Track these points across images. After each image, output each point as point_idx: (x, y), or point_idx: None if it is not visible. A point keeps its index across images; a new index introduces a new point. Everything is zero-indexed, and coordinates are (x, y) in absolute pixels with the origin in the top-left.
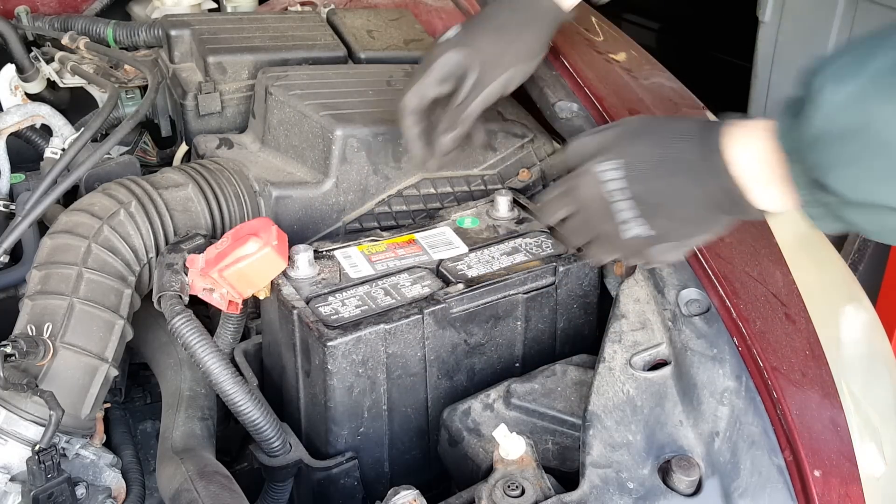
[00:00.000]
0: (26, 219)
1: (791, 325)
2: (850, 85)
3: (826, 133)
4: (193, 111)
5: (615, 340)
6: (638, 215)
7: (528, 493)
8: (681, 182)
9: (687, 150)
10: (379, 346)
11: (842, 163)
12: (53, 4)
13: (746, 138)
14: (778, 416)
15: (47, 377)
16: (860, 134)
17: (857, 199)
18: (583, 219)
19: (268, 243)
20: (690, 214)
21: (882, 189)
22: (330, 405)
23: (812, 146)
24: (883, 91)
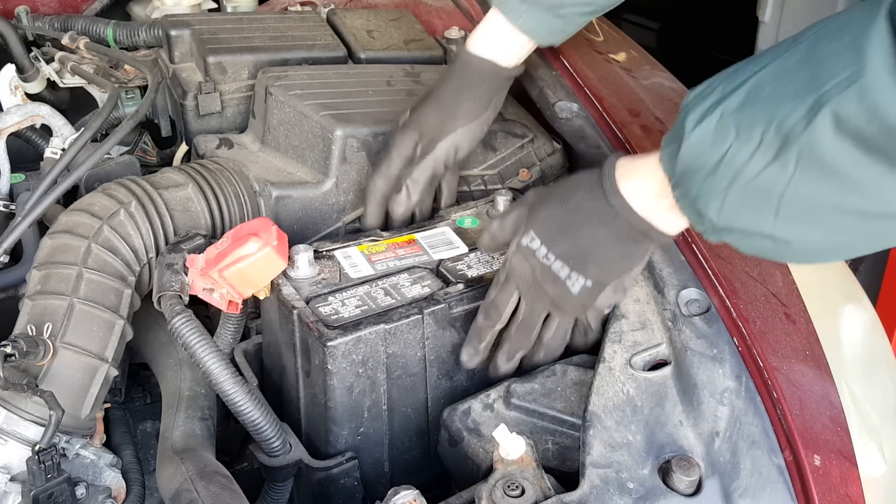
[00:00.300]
0: (26, 219)
1: (791, 325)
2: (708, 123)
3: (691, 164)
4: (193, 111)
5: (615, 340)
6: (571, 270)
7: (528, 493)
8: (591, 230)
9: (585, 199)
10: (379, 346)
11: (705, 193)
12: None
13: (638, 173)
14: (778, 416)
15: (47, 377)
16: (717, 169)
17: (724, 225)
18: (533, 293)
19: (268, 243)
20: (612, 254)
21: (741, 218)
22: (330, 405)
23: (682, 175)
24: (732, 129)
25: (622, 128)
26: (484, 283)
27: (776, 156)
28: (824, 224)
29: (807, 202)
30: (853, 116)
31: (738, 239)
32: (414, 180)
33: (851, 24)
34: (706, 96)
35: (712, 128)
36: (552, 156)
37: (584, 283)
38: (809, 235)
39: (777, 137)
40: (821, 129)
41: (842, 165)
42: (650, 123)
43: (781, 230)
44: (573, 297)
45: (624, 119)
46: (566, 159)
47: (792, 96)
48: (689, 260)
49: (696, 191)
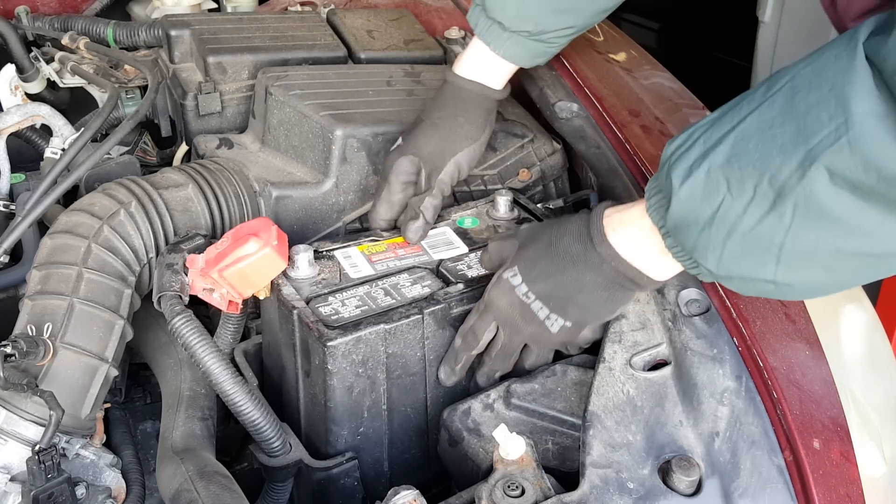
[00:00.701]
0: (26, 219)
1: (791, 325)
2: (696, 178)
3: (683, 219)
4: (193, 111)
5: (615, 340)
6: (550, 311)
7: (528, 493)
8: (576, 274)
9: (572, 244)
10: (379, 346)
11: (701, 246)
12: (53, 4)
13: (626, 221)
14: (778, 416)
15: (47, 377)
16: (711, 221)
17: (723, 274)
18: (510, 328)
19: (268, 243)
20: (596, 299)
21: (741, 266)
22: (330, 405)
23: (675, 229)
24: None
25: (622, 128)
26: (484, 284)
27: (772, 207)
28: (826, 266)
29: (808, 248)
30: (847, 169)
31: (739, 284)
32: (427, 207)
33: (828, 70)
34: (688, 149)
35: (701, 183)
36: (552, 156)
37: (564, 324)
38: (812, 277)
39: (771, 190)
40: (815, 181)
41: (840, 212)
42: (650, 123)
43: (783, 275)
44: (552, 336)
45: (624, 119)
46: (566, 159)
47: (780, 150)
48: None
49: (691, 244)
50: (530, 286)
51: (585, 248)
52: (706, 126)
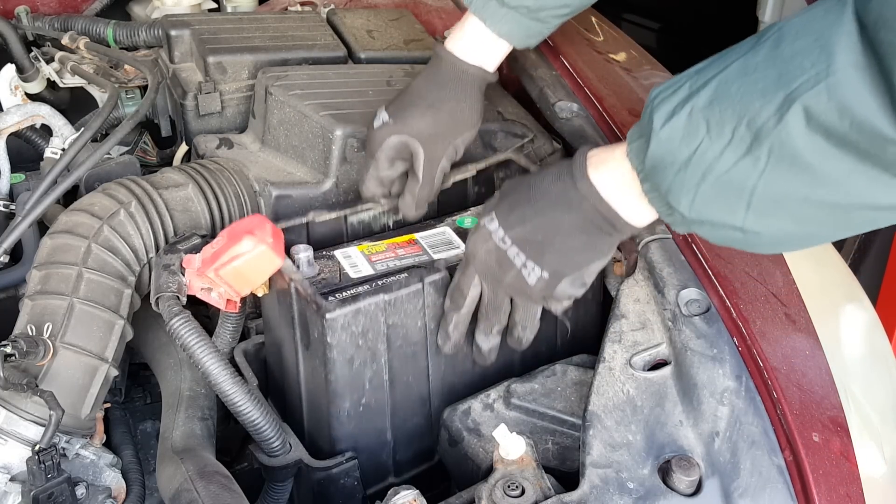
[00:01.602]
0: (26, 219)
1: (791, 325)
2: (677, 119)
3: (661, 160)
4: (193, 111)
5: (615, 340)
6: (527, 258)
7: (528, 493)
8: (554, 215)
9: (551, 185)
10: (379, 317)
11: (676, 187)
12: (53, 4)
13: (608, 162)
14: (778, 416)
15: (47, 377)
16: (688, 164)
17: (694, 218)
18: (491, 279)
19: (263, 241)
20: (573, 243)
21: (712, 211)
22: (331, 378)
23: (652, 170)
24: (702, 125)
25: (622, 128)
26: None
27: (748, 151)
28: (794, 216)
29: (777, 195)
30: (823, 113)
31: (709, 231)
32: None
33: (816, 22)
34: (673, 93)
35: (682, 124)
36: (552, 156)
37: (541, 275)
38: (779, 227)
39: (748, 133)
40: (792, 124)
41: (812, 159)
42: None
43: (752, 223)
44: (530, 288)
45: (624, 119)
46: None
47: (761, 93)
48: (689, 260)
49: (667, 185)
50: (507, 231)
51: (565, 186)
52: (693, 73)
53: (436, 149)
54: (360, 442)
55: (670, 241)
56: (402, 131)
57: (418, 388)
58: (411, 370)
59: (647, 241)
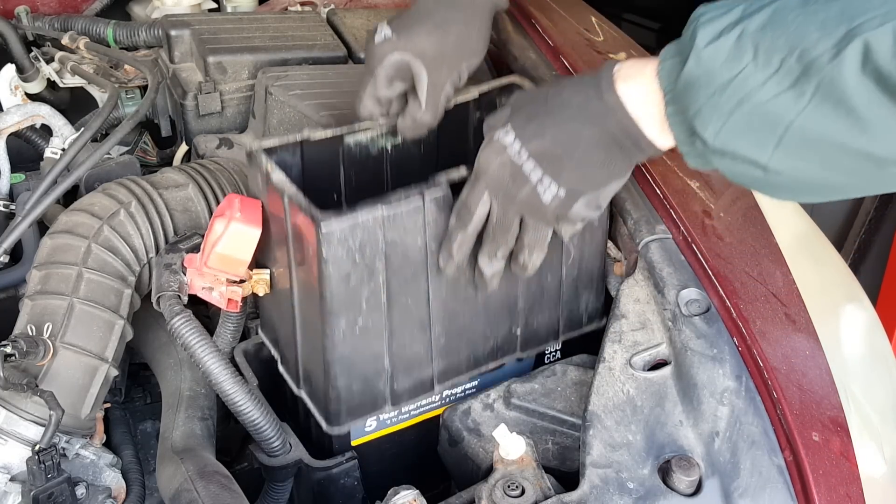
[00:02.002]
0: (26, 219)
1: (791, 325)
2: (725, 40)
3: (697, 80)
4: (193, 111)
5: (615, 340)
6: (544, 173)
7: (528, 493)
8: (575, 127)
9: (573, 96)
10: (377, 232)
11: (706, 110)
12: (53, 4)
13: (636, 77)
14: (778, 416)
15: (47, 377)
16: (726, 88)
17: (718, 147)
18: (503, 196)
19: (231, 218)
20: (593, 159)
21: (739, 142)
22: (326, 295)
23: (684, 90)
24: (749, 50)
25: None
26: None
27: (793, 84)
28: (823, 161)
29: (813, 136)
30: (883, 56)
31: (728, 164)
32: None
33: None
34: (724, 13)
35: (729, 45)
36: None
37: (557, 193)
38: (804, 170)
39: (798, 66)
40: (847, 63)
41: (859, 104)
42: None
43: (777, 161)
44: (544, 205)
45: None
46: None
47: (820, 25)
48: (689, 260)
49: (696, 107)
50: (524, 143)
51: (588, 98)
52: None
53: (440, 73)
54: (356, 367)
55: (670, 241)
56: (406, 48)
57: (418, 312)
58: (411, 292)
59: (647, 241)
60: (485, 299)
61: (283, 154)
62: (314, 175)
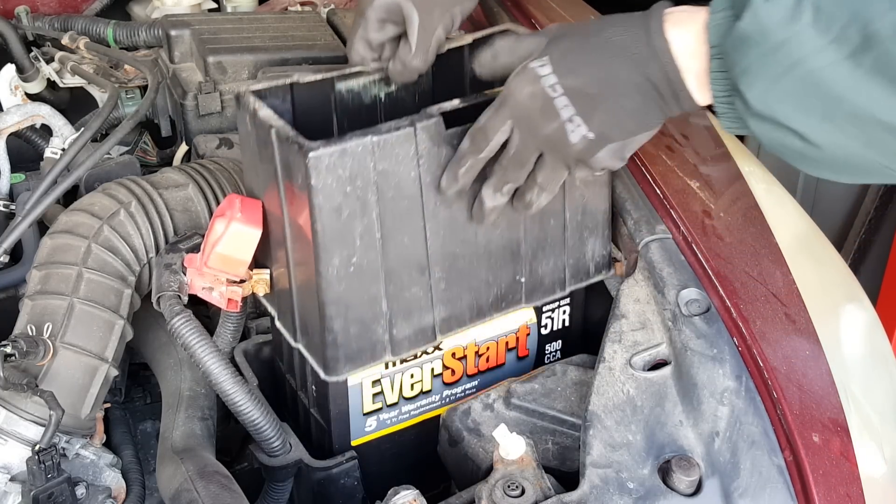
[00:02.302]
0: (26, 219)
1: (791, 325)
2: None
3: (750, 37)
4: (193, 111)
5: (615, 340)
6: (576, 112)
7: (528, 493)
8: (616, 67)
9: (621, 34)
10: (367, 161)
11: (754, 70)
12: (53, 4)
13: (686, 23)
14: (778, 416)
15: (47, 377)
16: (779, 49)
17: (760, 110)
18: (527, 126)
19: (231, 218)
20: (628, 105)
21: (784, 108)
22: (317, 228)
23: (734, 46)
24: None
25: None
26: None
27: (850, 55)
28: (869, 139)
29: (863, 112)
30: None
31: (767, 130)
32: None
33: None
34: None
35: (788, 4)
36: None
37: (585, 134)
38: (846, 146)
39: (858, 36)
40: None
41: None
42: None
43: (820, 133)
44: (569, 145)
45: None
46: None
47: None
48: (689, 260)
49: (743, 66)
50: (560, 78)
51: (634, 39)
52: None
53: (432, 16)
54: (352, 309)
55: (670, 241)
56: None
57: (415, 251)
58: (406, 229)
59: (647, 241)
60: (485, 241)
61: (272, 100)
62: (306, 124)
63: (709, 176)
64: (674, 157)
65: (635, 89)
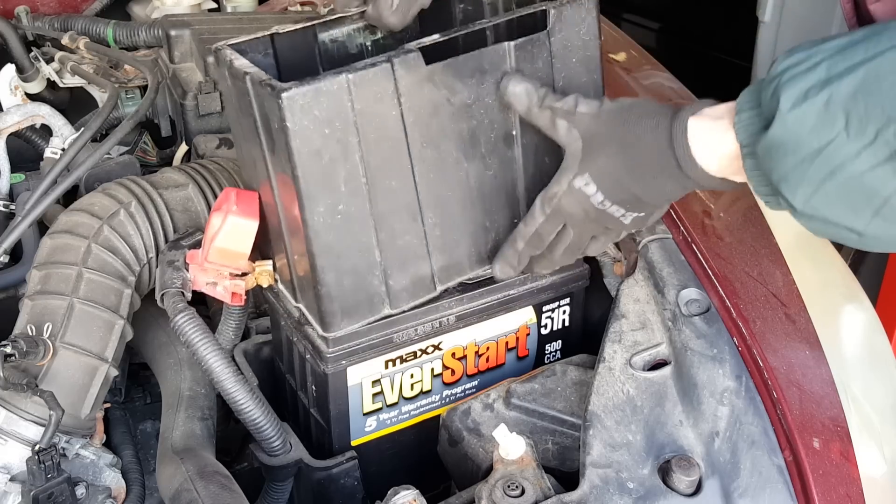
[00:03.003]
0: (26, 219)
1: (791, 325)
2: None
3: (782, 145)
4: (193, 111)
5: (615, 340)
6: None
7: (528, 493)
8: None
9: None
10: (344, 100)
11: (794, 177)
12: (53, 4)
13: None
14: (778, 416)
15: (47, 377)
16: (814, 156)
17: (807, 212)
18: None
19: (227, 212)
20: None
21: (832, 210)
22: (297, 174)
23: (767, 152)
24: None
25: None
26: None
27: (891, 157)
28: None
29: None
30: None
31: (819, 226)
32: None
33: None
34: (808, 71)
35: (816, 111)
36: None
37: (638, 215)
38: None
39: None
40: None
41: None
42: None
43: (875, 228)
44: (626, 226)
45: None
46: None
47: None
48: (689, 260)
49: (782, 173)
50: (607, 195)
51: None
52: (832, 51)
53: None
54: (343, 259)
55: (670, 241)
56: None
57: (405, 196)
58: (393, 173)
59: (647, 241)
60: (478, 184)
61: (253, 54)
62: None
63: None
64: None
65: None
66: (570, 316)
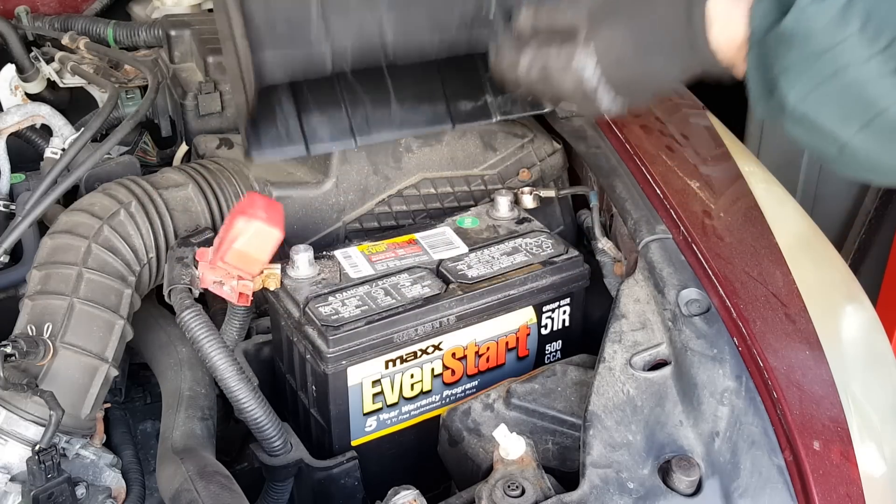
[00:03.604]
0: (26, 219)
1: (791, 325)
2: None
3: (792, 37)
4: (193, 111)
5: (615, 340)
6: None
7: (528, 493)
8: (660, 63)
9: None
10: None
11: (795, 71)
12: (53, 4)
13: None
14: (778, 416)
15: (47, 377)
16: (822, 53)
17: (798, 111)
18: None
19: (255, 217)
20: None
21: (826, 114)
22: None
23: (775, 42)
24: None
25: (622, 128)
26: None
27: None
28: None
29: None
30: None
31: (803, 132)
32: None
33: None
34: None
35: (835, 10)
36: (552, 156)
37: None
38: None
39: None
40: None
41: None
42: (650, 123)
43: (859, 141)
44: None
45: (624, 119)
46: (566, 159)
47: None
48: (689, 260)
49: (784, 65)
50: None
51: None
52: None
53: None
54: None
55: (670, 241)
56: None
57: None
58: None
59: (647, 241)
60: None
61: None
62: None
63: (709, 176)
64: (674, 157)
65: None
66: (571, 316)
